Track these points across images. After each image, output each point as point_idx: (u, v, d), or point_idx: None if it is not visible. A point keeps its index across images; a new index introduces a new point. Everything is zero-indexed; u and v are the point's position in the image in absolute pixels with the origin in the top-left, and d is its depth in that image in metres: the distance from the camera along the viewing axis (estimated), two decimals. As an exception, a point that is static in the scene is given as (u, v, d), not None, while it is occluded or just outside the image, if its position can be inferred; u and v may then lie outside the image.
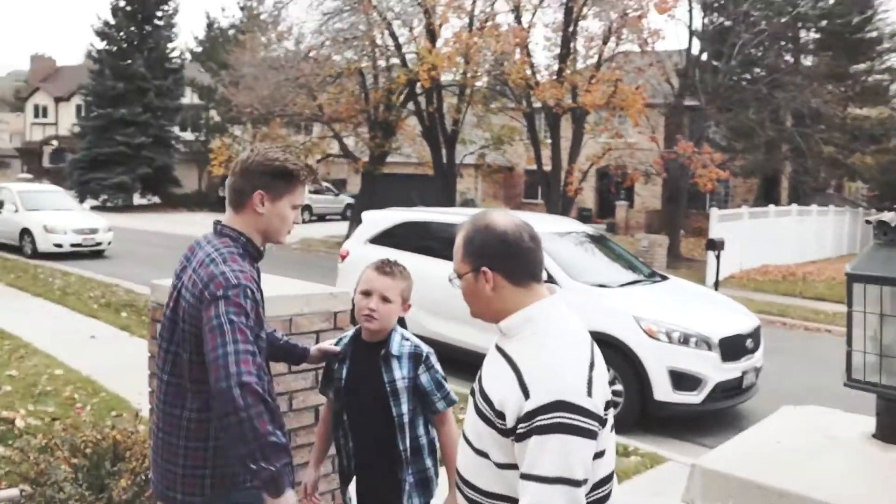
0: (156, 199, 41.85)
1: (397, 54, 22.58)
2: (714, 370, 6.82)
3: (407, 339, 2.77)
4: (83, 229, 18.77)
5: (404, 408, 2.70)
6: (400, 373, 2.72)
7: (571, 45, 20.82)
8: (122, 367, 7.75)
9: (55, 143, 51.15)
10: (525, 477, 1.83)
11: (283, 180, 2.53)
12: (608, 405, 1.94)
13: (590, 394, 1.86)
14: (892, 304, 1.59)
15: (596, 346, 2.05)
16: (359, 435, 2.78)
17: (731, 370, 6.98)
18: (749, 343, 7.29)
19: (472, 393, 2.11)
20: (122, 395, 6.79)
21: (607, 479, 1.97)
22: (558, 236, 8.55)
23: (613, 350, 6.93)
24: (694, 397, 6.77)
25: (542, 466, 1.79)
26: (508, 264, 2.02)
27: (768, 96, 24.24)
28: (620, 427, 6.80)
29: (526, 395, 1.85)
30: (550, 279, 7.43)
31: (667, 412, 6.87)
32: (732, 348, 7.04)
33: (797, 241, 23.51)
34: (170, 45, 41.25)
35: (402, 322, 2.87)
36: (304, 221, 35.26)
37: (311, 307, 3.47)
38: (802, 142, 26.54)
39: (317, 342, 3.49)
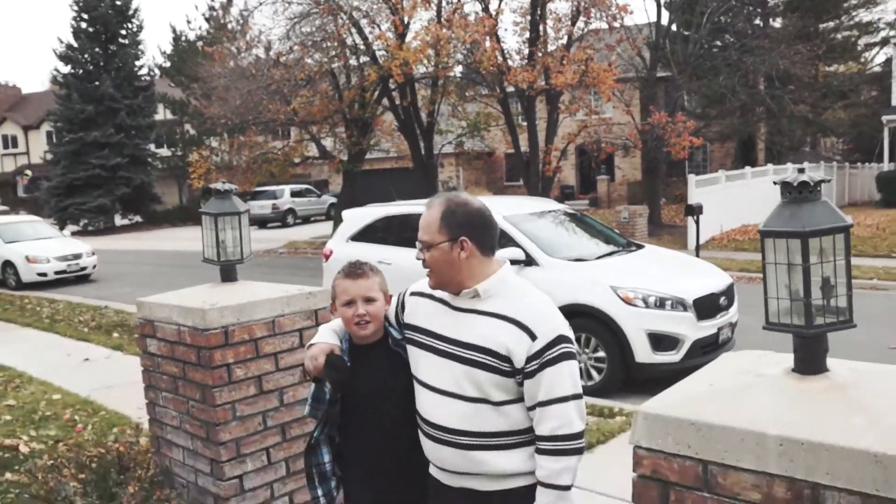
0: (138, 218, 41.72)
1: (367, 52, 22.60)
2: (691, 329, 7.09)
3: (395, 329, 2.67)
4: (66, 256, 18.73)
5: None
6: None
7: (540, 27, 20.93)
8: (119, 384, 7.94)
9: (30, 172, 50.87)
10: (544, 404, 2.26)
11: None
12: None
13: (569, 328, 2.37)
14: (796, 254, 1.78)
15: None
16: (385, 444, 2.60)
17: (707, 327, 7.26)
18: (723, 301, 7.56)
19: (444, 354, 2.38)
20: (121, 411, 6.91)
21: None
22: (536, 216, 8.74)
23: (594, 319, 7.23)
24: (673, 356, 7.04)
25: (560, 389, 2.25)
26: (483, 236, 2.38)
27: (739, 61, 24.41)
28: (606, 391, 7.09)
29: (532, 337, 2.27)
30: (529, 258, 7.64)
31: (648, 373, 7.11)
32: (707, 307, 7.31)
33: (774, 200, 23.74)
34: (137, 63, 40.71)
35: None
36: (289, 224, 35.44)
37: (291, 307, 3.66)
38: (774, 103, 26.79)
39: (300, 340, 3.68)
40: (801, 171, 1.85)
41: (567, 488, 2.27)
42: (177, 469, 3.83)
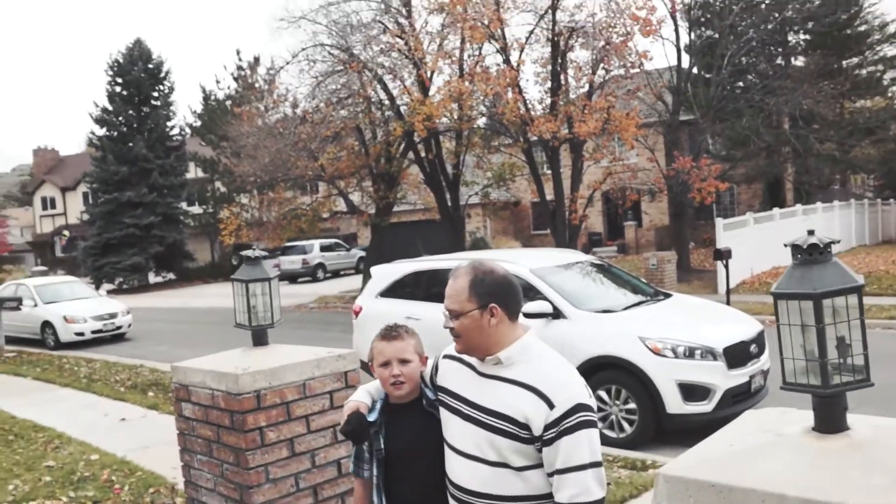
0: (171, 276, 42.27)
1: (392, 107, 22.96)
2: (721, 378, 7.05)
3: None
4: (102, 315, 19.08)
5: None
6: None
7: (562, 77, 21.13)
8: (154, 444, 8.05)
9: (67, 232, 51.84)
10: (562, 472, 2.28)
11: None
12: None
13: (590, 396, 2.40)
14: (809, 315, 1.83)
15: None
16: (418, 501, 2.72)
17: (739, 376, 7.20)
18: (753, 348, 7.51)
19: (468, 419, 2.47)
20: (157, 471, 7.01)
21: None
22: (563, 269, 8.79)
23: (623, 371, 7.22)
24: (705, 406, 6.99)
25: (577, 458, 2.27)
26: (510, 302, 2.45)
27: (762, 102, 24.40)
28: (637, 443, 7.04)
29: (550, 406, 2.30)
30: (556, 310, 7.67)
31: (680, 424, 7.07)
32: (737, 355, 7.26)
33: (806, 242, 23.50)
34: (169, 124, 41.61)
35: None
36: (319, 279, 35.68)
37: (321, 370, 3.73)
38: (800, 143, 26.70)
39: (330, 402, 3.74)
40: (811, 232, 1.89)
41: None
42: (211, 532, 3.88)
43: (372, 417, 2.73)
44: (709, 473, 1.77)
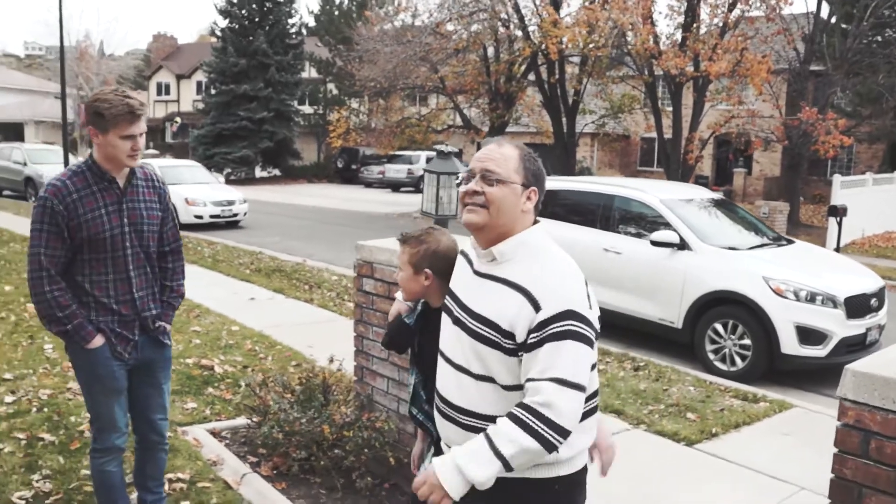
0: (276, 172, 43.33)
1: (520, 26, 22.87)
2: (839, 326, 7.25)
3: None
4: (221, 201, 19.82)
5: None
6: None
7: (697, 12, 20.68)
8: (285, 324, 8.62)
9: (179, 119, 53.41)
10: (537, 379, 2.00)
11: (101, 119, 3.05)
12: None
13: (590, 307, 2.11)
14: None
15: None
16: None
17: (856, 327, 7.39)
18: (874, 302, 7.67)
19: (457, 322, 2.24)
20: (294, 347, 7.60)
21: (596, 394, 2.24)
22: (686, 202, 8.95)
23: (742, 307, 7.48)
24: (819, 351, 7.22)
25: (557, 370, 1.98)
26: (542, 196, 2.25)
27: (902, 60, 23.35)
28: (749, 378, 7.38)
29: (537, 308, 2.04)
30: (682, 242, 7.91)
31: (792, 365, 7.34)
32: (857, 306, 7.44)
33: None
34: (290, 21, 42.05)
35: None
36: (422, 190, 36.17)
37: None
38: (934, 107, 25.49)
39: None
40: None
41: (502, 457, 1.99)
42: (378, 397, 4.37)
43: (410, 320, 2.79)
44: (894, 372, 2.08)
